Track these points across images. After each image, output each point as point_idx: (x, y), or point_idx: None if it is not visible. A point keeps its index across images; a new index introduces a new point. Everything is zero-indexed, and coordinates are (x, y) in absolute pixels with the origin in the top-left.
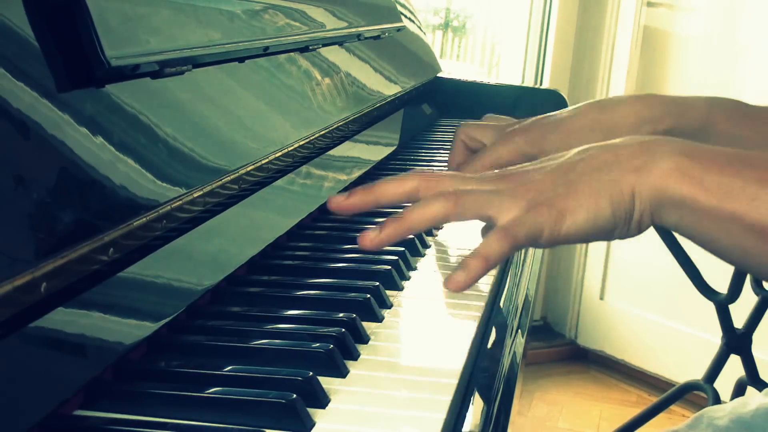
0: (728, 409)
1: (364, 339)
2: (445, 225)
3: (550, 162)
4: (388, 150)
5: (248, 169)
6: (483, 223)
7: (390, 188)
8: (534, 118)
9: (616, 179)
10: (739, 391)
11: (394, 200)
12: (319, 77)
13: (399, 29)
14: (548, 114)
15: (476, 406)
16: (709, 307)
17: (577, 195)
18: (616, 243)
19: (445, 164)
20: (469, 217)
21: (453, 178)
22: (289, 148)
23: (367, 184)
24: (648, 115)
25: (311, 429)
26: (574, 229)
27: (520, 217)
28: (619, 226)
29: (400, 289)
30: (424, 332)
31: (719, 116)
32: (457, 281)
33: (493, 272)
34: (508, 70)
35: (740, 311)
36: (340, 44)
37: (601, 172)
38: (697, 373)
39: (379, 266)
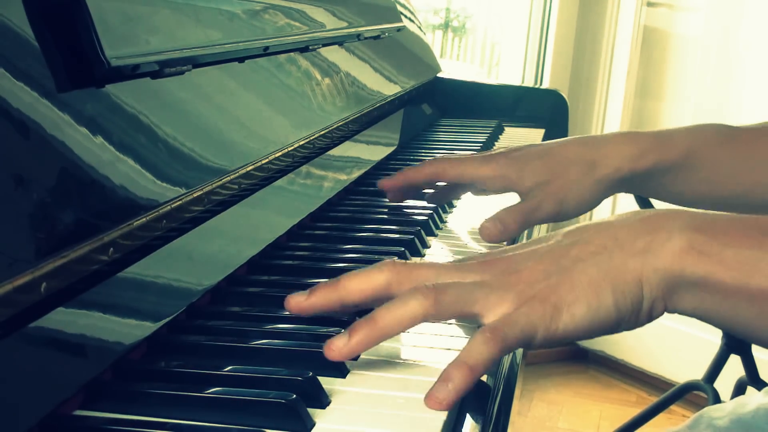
0: (728, 409)
1: None
2: (444, 225)
3: (538, 246)
4: (388, 150)
5: (248, 169)
6: (481, 220)
7: (357, 284)
8: (521, 146)
9: (618, 266)
10: (739, 391)
11: (363, 299)
12: (319, 77)
13: (399, 29)
14: (534, 143)
15: (476, 406)
16: None
17: (573, 286)
18: None
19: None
20: (450, 316)
21: (429, 268)
22: (289, 148)
23: (330, 280)
24: (630, 152)
25: (311, 429)
26: (572, 326)
27: (510, 314)
28: (626, 319)
29: None
30: (425, 331)
31: (700, 144)
32: (440, 399)
33: None
34: (508, 70)
35: None
36: (340, 44)
37: (599, 257)
38: (697, 373)
39: None
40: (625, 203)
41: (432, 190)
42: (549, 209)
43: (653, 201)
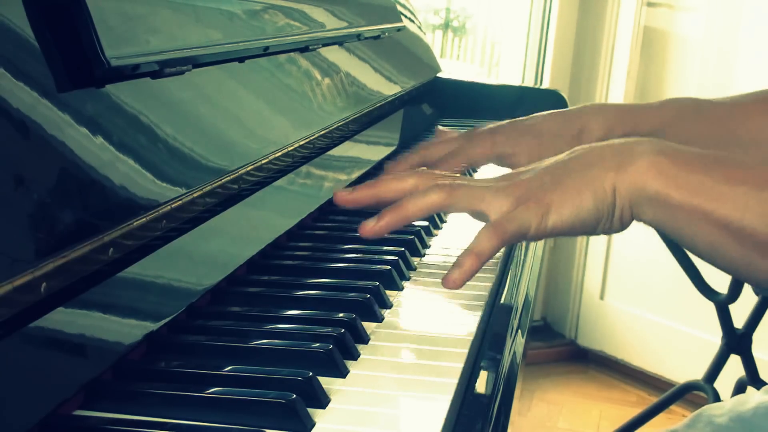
0: (727, 407)
1: (364, 339)
2: (444, 226)
3: (541, 163)
4: (388, 150)
5: (248, 169)
6: (480, 224)
7: (392, 184)
8: (500, 123)
9: (598, 176)
10: (739, 391)
11: (396, 195)
12: (319, 77)
13: (399, 29)
14: (516, 119)
15: (476, 406)
16: (709, 307)
17: (562, 190)
18: (616, 242)
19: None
20: (462, 209)
21: (450, 176)
22: (289, 148)
23: (370, 180)
24: (609, 125)
25: (311, 429)
26: (559, 223)
27: (509, 212)
28: (602, 221)
29: (400, 289)
30: (424, 332)
31: (671, 118)
32: (453, 279)
33: (494, 272)
34: (508, 70)
35: (740, 311)
36: (340, 44)
37: (585, 169)
38: (697, 373)
39: (379, 266)
40: None
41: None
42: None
43: None
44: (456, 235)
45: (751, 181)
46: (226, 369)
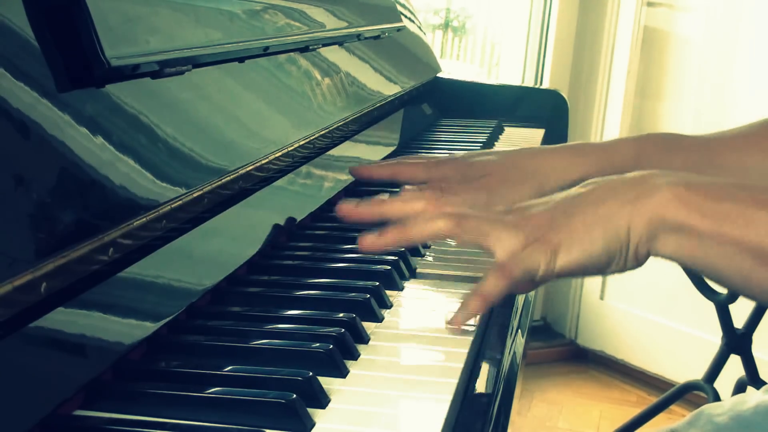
0: (727, 406)
1: (364, 339)
2: None
3: (553, 198)
4: (388, 150)
5: (248, 169)
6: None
7: (398, 206)
8: (471, 152)
9: (610, 212)
10: (739, 391)
11: (401, 217)
12: (319, 77)
13: (399, 29)
14: (486, 151)
15: (476, 406)
16: (709, 307)
17: (571, 230)
18: None
19: None
20: (467, 241)
21: (460, 204)
22: (289, 148)
23: (377, 197)
24: (579, 162)
25: (311, 429)
26: (568, 264)
27: (517, 253)
28: (615, 260)
29: (400, 289)
30: (424, 332)
31: (648, 152)
32: (458, 321)
33: None
34: (508, 70)
35: (740, 311)
36: (340, 44)
37: (596, 205)
38: (697, 373)
39: (379, 266)
40: None
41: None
42: (477, 198)
43: None
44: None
45: None
46: (226, 369)
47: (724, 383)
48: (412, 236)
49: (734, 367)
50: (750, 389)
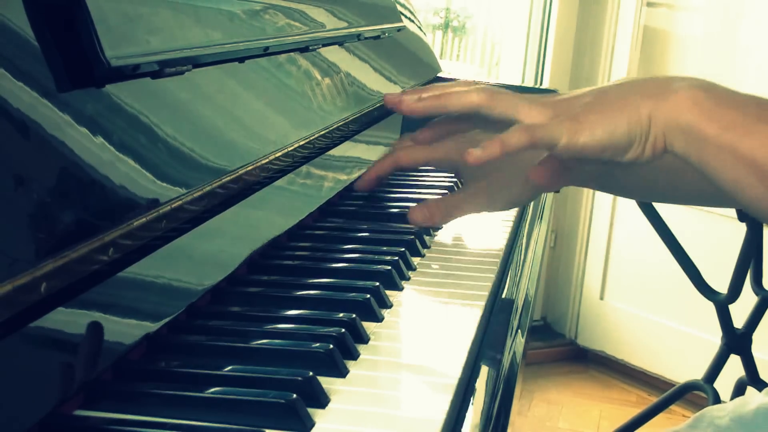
0: (729, 408)
1: (364, 339)
2: (443, 226)
3: (583, 90)
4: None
5: (248, 169)
6: (480, 228)
7: (455, 100)
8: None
9: (636, 103)
10: (739, 391)
11: (460, 110)
12: (319, 77)
13: (399, 29)
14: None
15: (476, 406)
16: (709, 307)
17: (599, 111)
18: (616, 242)
19: None
20: (499, 114)
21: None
22: (289, 148)
23: (437, 92)
24: None
25: (311, 429)
26: (591, 141)
27: (544, 122)
28: (634, 146)
29: (400, 289)
30: (424, 332)
31: None
32: (475, 155)
33: (494, 272)
34: (508, 70)
35: (740, 311)
36: (340, 44)
37: (625, 96)
38: (697, 373)
39: (379, 266)
40: (626, 210)
41: None
42: (477, 205)
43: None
44: (455, 236)
45: None
46: (226, 369)
47: (724, 383)
48: (448, 103)
49: (734, 367)
50: (751, 390)
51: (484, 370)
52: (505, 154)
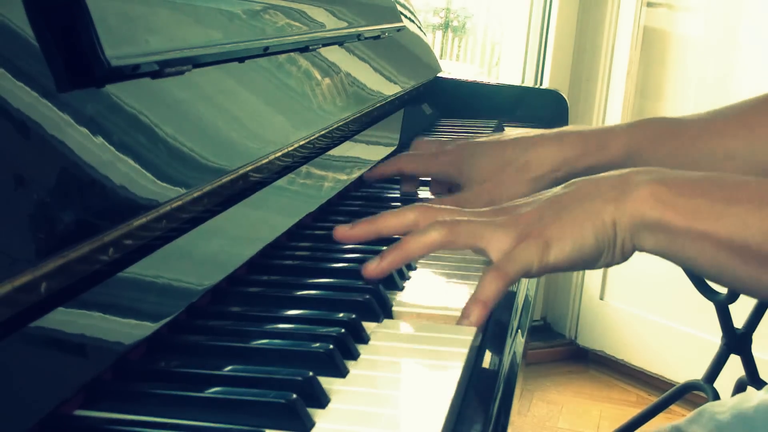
0: (730, 404)
1: (364, 339)
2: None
3: (539, 196)
4: (388, 150)
5: (248, 169)
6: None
7: (391, 221)
8: (467, 141)
9: (597, 209)
10: (739, 391)
11: (396, 231)
12: (319, 77)
13: (399, 29)
14: (476, 140)
15: (476, 406)
16: (709, 307)
17: (562, 225)
18: None
19: None
20: (463, 246)
21: (450, 211)
22: (289, 148)
23: (370, 217)
24: (566, 154)
25: (311, 429)
26: (561, 257)
27: (510, 252)
28: (604, 253)
29: (400, 288)
30: (424, 332)
31: (640, 142)
32: (468, 321)
33: None
34: (508, 70)
35: (740, 311)
36: (340, 44)
37: (584, 202)
38: (697, 373)
39: None
40: None
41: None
42: (479, 205)
43: None
44: None
45: (749, 199)
46: (226, 369)
47: (724, 383)
48: (409, 252)
49: (734, 367)
50: (750, 390)
51: (484, 371)
52: (490, 309)
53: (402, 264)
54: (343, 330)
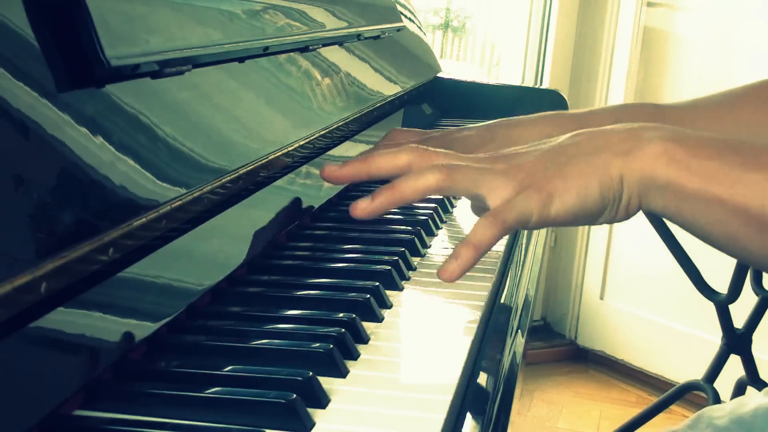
0: (728, 409)
1: (364, 339)
2: (444, 226)
3: (542, 146)
4: None
5: (248, 169)
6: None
7: (384, 160)
8: (445, 131)
9: (605, 163)
10: (739, 391)
11: (388, 173)
12: (319, 77)
13: (399, 29)
14: (460, 127)
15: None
16: (709, 307)
17: (566, 177)
18: (616, 242)
19: None
20: (460, 192)
21: (446, 155)
22: (289, 148)
23: (362, 154)
24: (550, 133)
25: (311, 429)
26: (563, 211)
27: (510, 199)
28: (607, 209)
29: (400, 289)
30: (424, 332)
31: (627, 120)
32: (450, 270)
33: (494, 272)
34: (508, 70)
35: (740, 311)
36: (340, 44)
37: (590, 155)
38: (697, 373)
39: (379, 266)
40: None
41: None
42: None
43: None
44: (456, 236)
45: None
46: (226, 369)
47: (724, 383)
48: (403, 195)
49: (734, 367)
50: (750, 390)
51: (484, 371)
52: (482, 254)
53: (394, 207)
54: (343, 330)
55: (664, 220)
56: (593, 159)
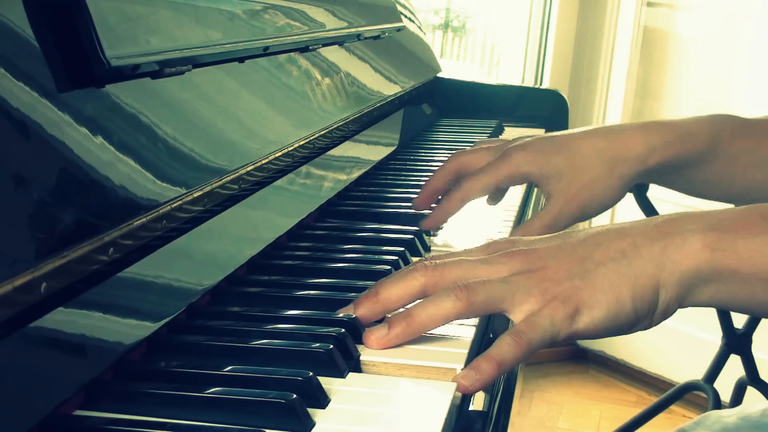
0: (735, 410)
1: None
2: (444, 225)
3: (563, 242)
4: (388, 150)
5: (248, 169)
6: (481, 219)
7: (395, 292)
8: (536, 137)
9: (637, 272)
10: (739, 391)
11: (403, 304)
12: (319, 77)
13: (399, 29)
14: (552, 134)
15: (476, 406)
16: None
17: (594, 289)
18: None
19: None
20: (480, 314)
21: (460, 267)
22: (289, 148)
23: (369, 291)
24: (652, 144)
25: (311, 429)
26: (592, 326)
27: (534, 315)
28: (641, 320)
29: None
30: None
31: (722, 134)
32: (465, 385)
33: None
34: (508, 70)
35: None
36: (340, 44)
37: (619, 263)
38: (697, 373)
39: (379, 266)
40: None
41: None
42: (571, 215)
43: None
44: (457, 236)
45: None
46: (226, 369)
47: (724, 383)
48: (423, 324)
49: (734, 367)
50: (750, 390)
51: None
52: (503, 373)
53: (411, 338)
54: (343, 330)
55: None
56: (623, 267)
